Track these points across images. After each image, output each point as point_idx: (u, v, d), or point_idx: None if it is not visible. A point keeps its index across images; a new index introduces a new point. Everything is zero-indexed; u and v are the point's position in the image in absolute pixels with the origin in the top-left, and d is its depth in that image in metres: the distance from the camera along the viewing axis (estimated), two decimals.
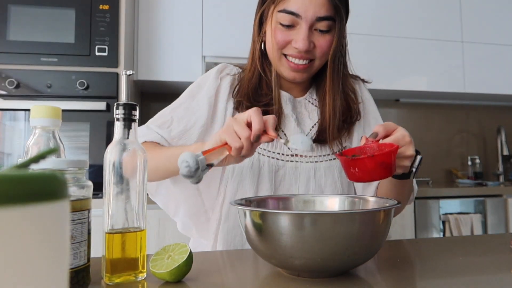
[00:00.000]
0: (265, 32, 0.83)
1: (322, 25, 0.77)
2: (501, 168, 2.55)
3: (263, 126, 0.59)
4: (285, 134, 0.84)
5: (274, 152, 0.82)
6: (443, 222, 1.92)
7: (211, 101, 0.84)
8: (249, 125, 0.61)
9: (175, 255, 0.49)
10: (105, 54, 1.70)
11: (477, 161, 2.53)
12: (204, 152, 0.58)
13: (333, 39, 0.79)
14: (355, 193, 0.88)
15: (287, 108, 0.85)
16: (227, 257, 0.65)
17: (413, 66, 2.26)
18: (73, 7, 1.70)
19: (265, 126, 0.60)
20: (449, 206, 1.94)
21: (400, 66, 2.22)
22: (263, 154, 0.82)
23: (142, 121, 2.58)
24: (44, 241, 0.18)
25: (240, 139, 0.59)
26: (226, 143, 0.60)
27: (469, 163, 2.56)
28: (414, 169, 0.65)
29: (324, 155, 0.85)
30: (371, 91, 0.98)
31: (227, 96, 0.84)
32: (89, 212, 0.48)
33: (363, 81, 0.95)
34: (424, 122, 2.63)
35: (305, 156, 0.83)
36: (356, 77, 0.93)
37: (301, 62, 0.78)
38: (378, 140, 0.62)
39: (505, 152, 2.52)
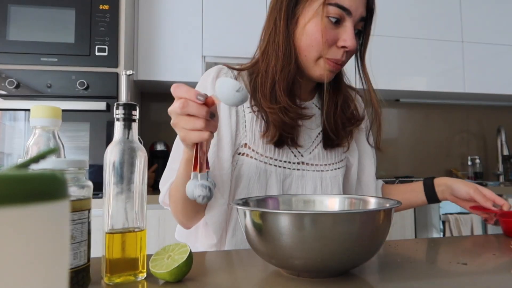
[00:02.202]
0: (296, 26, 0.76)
1: (359, 26, 0.76)
2: (501, 168, 2.55)
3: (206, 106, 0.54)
4: (296, 142, 0.82)
5: (281, 161, 0.80)
6: (443, 222, 1.92)
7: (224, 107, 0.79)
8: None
9: (175, 255, 0.49)
10: (105, 54, 1.70)
11: (477, 161, 2.54)
12: (195, 169, 0.55)
13: (359, 42, 0.78)
14: None
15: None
16: (227, 257, 0.65)
17: (413, 66, 2.26)
18: (73, 7, 1.70)
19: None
20: (449, 206, 1.94)
21: (400, 66, 2.22)
22: (269, 164, 0.79)
23: (142, 121, 2.57)
24: (44, 241, 0.18)
25: (204, 130, 0.55)
26: (196, 144, 0.57)
27: (469, 163, 2.56)
28: None
29: (330, 164, 0.84)
30: None
31: None
32: (89, 212, 0.48)
33: (358, 93, 0.93)
34: (424, 122, 2.63)
35: (311, 165, 0.82)
36: (352, 88, 0.91)
37: (341, 57, 0.75)
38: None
39: (505, 152, 2.52)
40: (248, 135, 0.79)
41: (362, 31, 0.79)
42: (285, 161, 0.80)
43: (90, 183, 0.49)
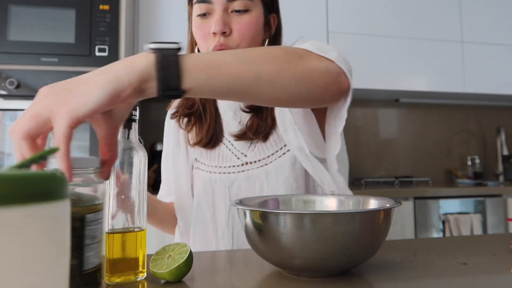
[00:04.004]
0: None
1: (237, 5, 0.74)
2: (500, 168, 2.55)
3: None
4: (229, 141, 0.82)
5: (225, 167, 0.80)
6: (443, 222, 1.92)
7: (168, 137, 0.89)
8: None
9: (175, 255, 0.49)
10: (106, 54, 1.70)
11: (477, 161, 2.53)
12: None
13: (252, 19, 0.75)
14: (314, 186, 0.81)
15: (226, 115, 0.82)
16: (227, 257, 0.65)
17: (413, 66, 2.26)
18: (73, 7, 1.70)
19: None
20: (449, 206, 1.94)
21: (400, 66, 2.22)
22: (214, 172, 0.80)
23: (142, 121, 2.57)
24: (44, 241, 0.18)
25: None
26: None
27: (469, 163, 2.56)
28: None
29: (273, 154, 0.79)
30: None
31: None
32: (103, 211, 0.47)
33: None
34: (424, 122, 2.63)
35: (255, 162, 0.80)
36: None
37: (219, 42, 0.75)
38: None
39: (505, 152, 2.52)
40: (196, 150, 0.84)
41: (250, 7, 0.76)
42: (229, 166, 0.80)
43: (104, 182, 0.48)
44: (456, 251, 0.64)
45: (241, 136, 0.79)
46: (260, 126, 0.79)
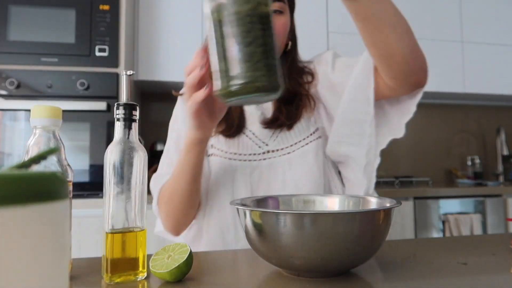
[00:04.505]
0: None
1: (275, 5, 0.78)
2: (500, 168, 2.55)
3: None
4: (249, 131, 0.83)
5: (245, 154, 0.81)
6: (443, 222, 1.92)
7: (175, 125, 0.88)
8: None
9: (175, 255, 0.49)
10: (106, 54, 1.70)
11: (477, 161, 2.54)
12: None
13: (286, 21, 0.80)
14: (332, 179, 0.83)
15: (250, 107, 0.85)
16: (227, 257, 0.66)
17: None
18: (73, 7, 1.70)
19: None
20: (449, 206, 1.94)
21: None
22: (234, 159, 0.80)
23: (142, 121, 2.56)
24: (44, 241, 0.18)
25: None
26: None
27: (469, 163, 2.56)
28: None
29: (297, 143, 0.81)
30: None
31: None
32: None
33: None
34: (424, 122, 2.63)
35: (278, 150, 0.81)
36: (310, 62, 0.88)
37: None
38: None
39: (505, 152, 2.52)
40: (214, 137, 0.83)
41: (286, 13, 0.80)
42: (250, 154, 0.81)
43: None
44: (456, 251, 0.64)
45: (271, 123, 0.81)
46: (292, 112, 0.81)
